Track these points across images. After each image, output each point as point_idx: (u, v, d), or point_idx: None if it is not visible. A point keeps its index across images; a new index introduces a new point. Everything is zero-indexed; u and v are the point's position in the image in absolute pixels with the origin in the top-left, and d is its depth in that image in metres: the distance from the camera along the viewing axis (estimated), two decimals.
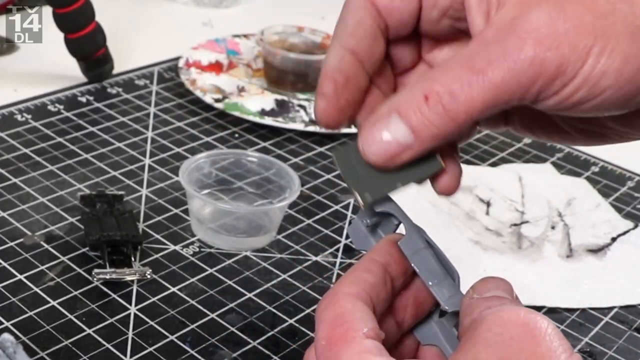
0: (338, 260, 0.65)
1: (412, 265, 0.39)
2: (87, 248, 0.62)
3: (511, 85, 0.34)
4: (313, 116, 0.85)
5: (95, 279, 0.59)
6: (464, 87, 0.34)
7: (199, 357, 0.54)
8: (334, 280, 0.63)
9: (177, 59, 0.93)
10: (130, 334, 0.55)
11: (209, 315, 0.58)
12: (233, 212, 0.66)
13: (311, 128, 0.83)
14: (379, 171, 0.37)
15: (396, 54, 0.41)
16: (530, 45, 0.34)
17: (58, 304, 0.56)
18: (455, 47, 0.41)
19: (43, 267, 0.60)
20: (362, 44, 0.39)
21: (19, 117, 0.80)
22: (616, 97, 0.35)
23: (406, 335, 0.41)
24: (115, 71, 0.90)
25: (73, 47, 0.85)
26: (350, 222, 0.42)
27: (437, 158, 0.37)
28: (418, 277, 0.39)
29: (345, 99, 0.39)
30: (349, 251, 0.66)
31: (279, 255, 0.65)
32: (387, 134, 0.36)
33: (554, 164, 0.84)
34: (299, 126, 0.83)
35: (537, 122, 0.42)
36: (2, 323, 0.54)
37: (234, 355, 0.54)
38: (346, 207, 0.72)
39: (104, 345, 0.53)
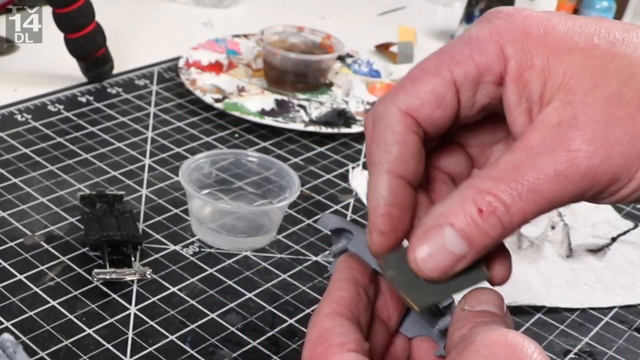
0: None
1: (372, 267, 0.39)
2: (87, 248, 0.62)
3: (563, 197, 0.34)
4: (313, 117, 0.85)
5: (95, 279, 0.59)
6: (515, 201, 0.34)
7: (199, 357, 0.54)
8: None
9: (177, 59, 0.94)
10: (130, 334, 0.55)
11: (209, 315, 0.58)
12: (233, 212, 0.66)
13: (311, 128, 0.83)
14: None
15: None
16: (581, 159, 0.33)
17: (58, 304, 0.56)
18: (486, 132, 0.40)
19: (43, 267, 0.60)
20: (409, 166, 0.37)
21: (19, 117, 0.80)
22: None
23: (396, 335, 0.41)
24: (115, 71, 0.90)
25: (73, 47, 0.85)
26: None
27: (483, 267, 0.37)
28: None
29: (402, 230, 0.38)
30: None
31: (279, 255, 0.65)
32: (441, 245, 0.35)
33: None
34: (299, 126, 0.83)
35: None
36: (2, 323, 0.54)
37: (234, 355, 0.54)
38: (346, 207, 0.72)
39: (104, 345, 0.53)
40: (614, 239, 0.71)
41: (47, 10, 0.84)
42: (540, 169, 0.33)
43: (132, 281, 0.59)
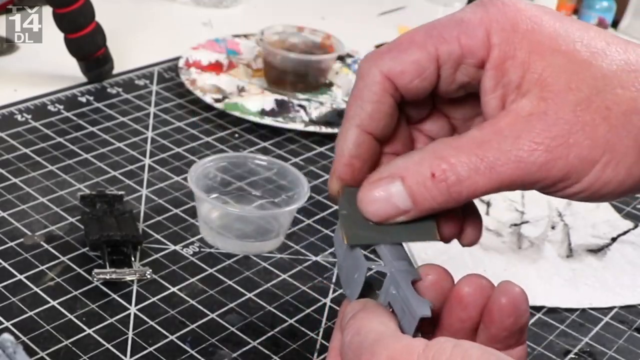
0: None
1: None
2: (87, 248, 0.62)
3: (516, 181, 0.36)
4: (313, 117, 0.85)
5: (95, 279, 0.59)
6: (470, 174, 0.36)
7: (199, 357, 0.54)
8: (334, 280, 0.63)
9: (177, 59, 0.93)
10: (130, 334, 0.55)
11: (209, 315, 0.58)
12: (242, 216, 0.66)
13: (311, 128, 0.83)
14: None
15: (409, 110, 0.42)
16: (542, 151, 0.35)
17: (58, 304, 0.56)
18: (469, 106, 0.42)
19: (43, 267, 0.60)
20: (380, 124, 0.40)
21: (19, 117, 0.80)
22: (614, 198, 0.37)
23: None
24: (115, 71, 0.90)
25: (73, 47, 0.85)
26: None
27: (434, 227, 0.39)
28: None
29: (360, 180, 0.40)
30: None
31: (279, 255, 0.65)
32: (386, 195, 0.38)
33: None
34: (299, 126, 0.83)
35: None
36: (2, 323, 0.54)
37: (234, 355, 0.54)
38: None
39: (104, 345, 0.53)
40: (614, 239, 0.71)
41: (47, 10, 0.84)
42: (503, 151, 0.36)
43: (132, 281, 0.59)
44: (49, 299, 0.57)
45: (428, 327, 0.39)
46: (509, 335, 0.38)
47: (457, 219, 0.41)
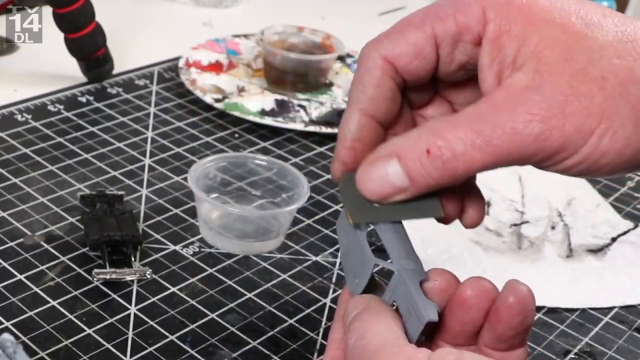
0: (338, 260, 0.65)
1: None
2: (87, 248, 0.62)
3: (512, 155, 0.36)
4: (313, 117, 0.85)
5: (95, 279, 0.59)
6: (466, 148, 0.36)
7: (199, 357, 0.54)
8: (334, 280, 0.63)
9: (177, 59, 0.93)
10: (130, 334, 0.55)
11: (209, 315, 0.58)
12: (242, 216, 0.66)
13: (311, 128, 0.83)
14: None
15: (412, 95, 0.42)
16: (537, 122, 0.35)
17: (58, 304, 0.56)
18: (470, 89, 0.42)
19: (43, 267, 0.60)
20: (381, 108, 0.40)
21: (19, 117, 0.80)
22: (611, 171, 0.37)
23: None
24: (115, 71, 0.90)
25: (73, 47, 0.85)
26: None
27: (438, 204, 0.39)
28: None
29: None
30: None
31: (279, 255, 0.65)
32: (384, 174, 0.38)
33: None
34: (299, 126, 0.83)
35: None
36: (2, 323, 0.54)
37: (234, 355, 0.54)
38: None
39: (104, 345, 0.53)
40: (614, 239, 0.71)
41: (47, 10, 0.84)
42: (499, 124, 0.36)
43: (132, 281, 0.59)
44: (49, 299, 0.57)
45: (430, 330, 0.39)
46: (515, 335, 0.38)
47: (458, 198, 0.41)
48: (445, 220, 0.41)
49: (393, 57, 0.39)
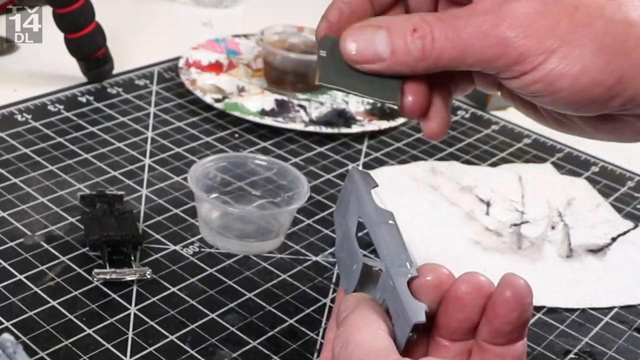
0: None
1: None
2: (87, 248, 0.62)
3: (475, 54, 0.39)
4: (313, 117, 0.85)
5: (95, 279, 0.59)
6: (441, 37, 0.39)
7: (199, 357, 0.54)
8: (334, 280, 0.63)
9: (177, 59, 0.93)
10: (130, 334, 0.55)
11: (209, 315, 0.58)
12: (242, 216, 0.66)
13: (311, 128, 0.83)
14: (348, 67, 0.42)
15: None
16: (504, 27, 0.39)
17: (58, 304, 0.56)
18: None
19: (43, 267, 0.60)
20: None
21: (19, 117, 0.80)
22: (569, 101, 0.40)
23: None
24: (115, 71, 0.90)
25: (73, 47, 0.85)
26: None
27: (398, 92, 0.42)
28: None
29: (346, 27, 0.43)
30: None
31: (279, 255, 0.65)
32: (369, 39, 0.41)
33: (554, 164, 0.84)
34: (299, 126, 0.83)
35: (519, 96, 0.44)
36: (2, 323, 0.54)
37: (234, 355, 0.54)
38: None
39: (104, 345, 0.53)
40: (614, 239, 0.71)
41: (47, 10, 0.84)
42: (471, 24, 0.39)
43: (132, 281, 0.59)
44: (49, 299, 0.57)
45: (424, 327, 0.39)
46: (513, 330, 0.38)
47: (422, 95, 0.43)
48: (402, 110, 0.43)
49: None
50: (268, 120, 0.83)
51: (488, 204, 0.73)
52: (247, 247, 0.64)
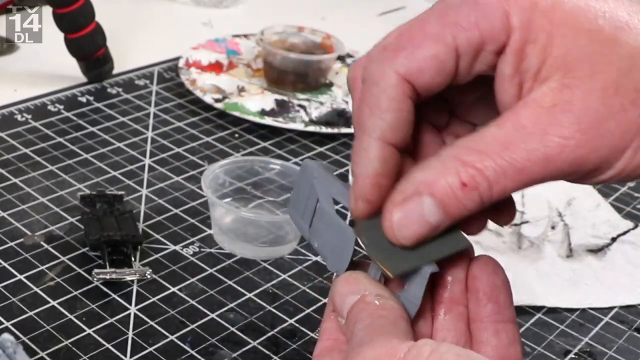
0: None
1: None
2: (87, 248, 0.62)
3: (545, 178, 0.34)
4: (313, 117, 0.85)
5: (95, 279, 0.59)
6: (499, 178, 0.34)
7: (199, 357, 0.54)
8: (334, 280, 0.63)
9: (177, 59, 0.93)
10: (130, 334, 0.55)
11: (209, 315, 0.58)
12: (255, 221, 0.66)
13: (311, 128, 0.83)
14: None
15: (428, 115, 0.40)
16: (573, 147, 0.33)
17: (58, 304, 0.56)
18: (482, 110, 0.39)
19: (43, 267, 0.60)
20: (403, 133, 0.36)
21: (19, 117, 0.80)
22: None
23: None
24: (115, 71, 0.90)
25: (73, 47, 0.85)
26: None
27: (460, 235, 0.37)
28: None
29: (386, 198, 0.37)
30: None
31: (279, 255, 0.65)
32: (418, 215, 0.35)
33: None
34: (299, 126, 0.83)
35: None
36: (2, 323, 0.54)
37: (234, 355, 0.54)
38: (346, 207, 0.72)
39: (104, 345, 0.53)
40: (614, 239, 0.71)
41: (47, 10, 0.84)
42: (530, 151, 0.33)
43: (132, 281, 0.59)
44: (49, 299, 0.57)
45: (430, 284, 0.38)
46: (495, 293, 0.40)
47: (485, 221, 0.39)
48: (474, 234, 0.39)
49: (413, 75, 0.35)
50: (268, 120, 0.83)
51: None
52: (262, 253, 0.64)
